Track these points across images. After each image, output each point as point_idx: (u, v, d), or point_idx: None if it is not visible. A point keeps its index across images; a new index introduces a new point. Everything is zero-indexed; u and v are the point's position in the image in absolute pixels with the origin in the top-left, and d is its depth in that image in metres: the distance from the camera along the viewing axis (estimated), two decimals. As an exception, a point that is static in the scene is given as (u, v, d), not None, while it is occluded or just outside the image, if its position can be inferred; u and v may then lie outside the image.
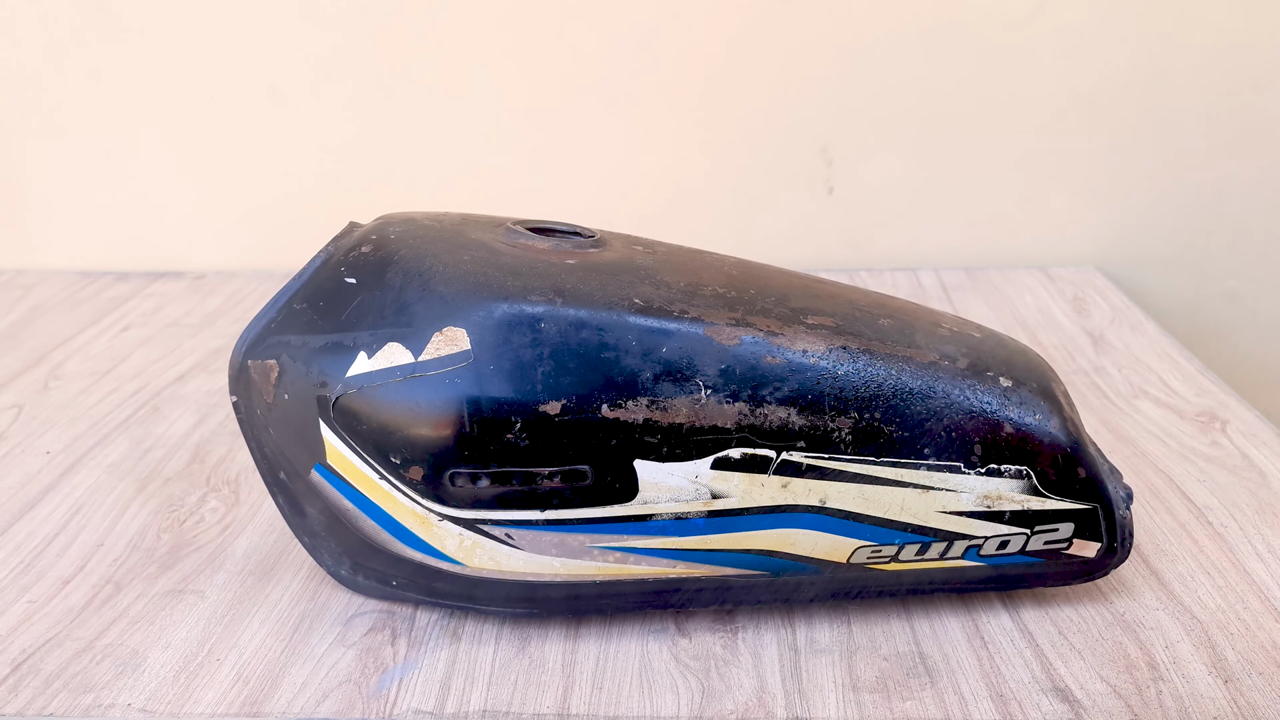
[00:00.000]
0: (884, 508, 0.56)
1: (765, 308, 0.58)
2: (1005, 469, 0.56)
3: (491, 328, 0.53)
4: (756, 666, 0.56)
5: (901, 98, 1.14)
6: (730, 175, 1.17)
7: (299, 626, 0.59)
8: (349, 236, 0.60)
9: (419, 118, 1.16)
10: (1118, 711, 0.52)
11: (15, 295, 1.13)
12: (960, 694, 0.53)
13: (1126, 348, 0.96)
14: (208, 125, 1.17)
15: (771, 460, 0.54)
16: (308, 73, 1.14)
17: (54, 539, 0.67)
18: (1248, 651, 0.56)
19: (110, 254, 1.22)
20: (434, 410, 0.53)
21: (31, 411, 0.85)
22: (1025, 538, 0.57)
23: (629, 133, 1.16)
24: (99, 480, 0.75)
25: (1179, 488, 0.72)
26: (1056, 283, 1.13)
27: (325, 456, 0.56)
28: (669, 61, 1.13)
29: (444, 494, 0.54)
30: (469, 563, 0.56)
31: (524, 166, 1.18)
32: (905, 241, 1.19)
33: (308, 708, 0.53)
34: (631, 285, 0.57)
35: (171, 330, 1.03)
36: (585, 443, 0.53)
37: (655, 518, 0.54)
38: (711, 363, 0.54)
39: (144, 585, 0.63)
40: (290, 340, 0.56)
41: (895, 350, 0.58)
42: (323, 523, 0.58)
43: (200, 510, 0.71)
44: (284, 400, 0.56)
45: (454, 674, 0.55)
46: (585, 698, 0.54)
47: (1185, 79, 1.12)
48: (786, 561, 0.56)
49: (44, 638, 0.58)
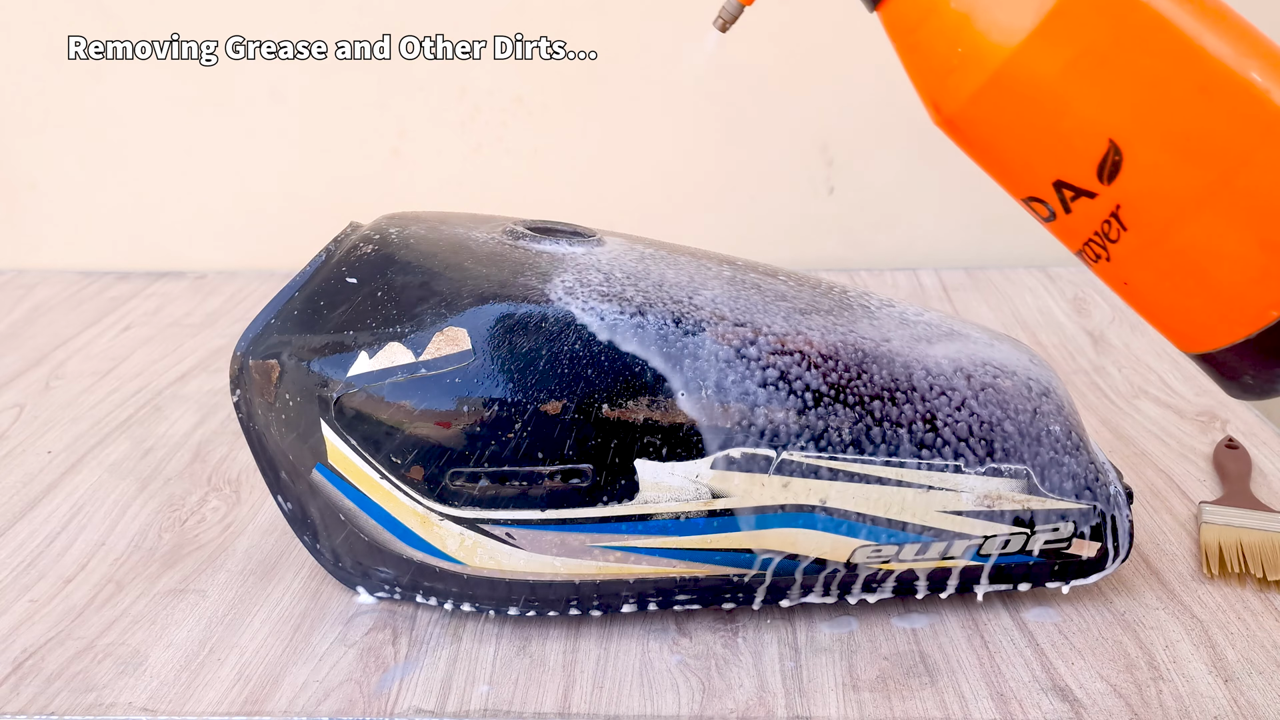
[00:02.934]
0: (884, 507, 0.56)
1: (767, 308, 0.58)
2: (1005, 469, 0.56)
3: (492, 328, 0.53)
4: (757, 666, 0.56)
5: (901, 98, 1.14)
6: (730, 175, 1.17)
7: (300, 626, 0.59)
8: (349, 236, 0.61)
9: (419, 117, 1.16)
10: (1118, 711, 0.52)
11: (16, 295, 1.13)
12: (960, 693, 0.53)
13: (1126, 347, 0.96)
14: (208, 125, 1.17)
15: (771, 460, 0.54)
16: (308, 73, 1.15)
17: (55, 538, 0.68)
18: (1248, 651, 0.56)
19: (111, 254, 1.22)
20: (435, 410, 0.53)
21: (33, 411, 0.85)
22: (1025, 537, 0.57)
23: (629, 133, 1.16)
24: (100, 480, 0.75)
25: (1179, 488, 0.72)
26: (1056, 283, 1.13)
27: (326, 456, 0.56)
28: (670, 62, 1.13)
29: (445, 493, 0.54)
30: (470, 562, 0.56)
31: (524, 166, 1.18)
32: (905, 241, 1.19)
33: (309, 707, 0.53)
34: (632, 285, 0.57)
35: (173, 330, 1.03)
36: (585, 442, 0.53)
37: (655, 517, 0.54)
38: (712, 362, 0.54)
39: (145, 585, 0.63)
40: (291, 340, 0.56)
41: (897, 351, 0.58)
42: (324, 522, 0.58)
43: (201, 510, 0.71)
44: (285, 400, 0.56)
45: (455, 673, 0.55)
46: (586, 697, 0.54)
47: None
48: (786, 561, 0.56)
49: (45, 637, 0.58)
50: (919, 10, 0.45)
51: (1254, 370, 0.46)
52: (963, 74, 0.44)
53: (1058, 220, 0.46)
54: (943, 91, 0.45)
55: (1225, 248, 0.43)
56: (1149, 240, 0.44)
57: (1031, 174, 0.45)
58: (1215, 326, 0.46)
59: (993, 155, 0.47)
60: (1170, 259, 0.44)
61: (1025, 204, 0.48)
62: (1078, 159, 0.43)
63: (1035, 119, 0.43)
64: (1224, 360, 0.47)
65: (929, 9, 0.45)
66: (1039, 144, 0.44)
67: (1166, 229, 0.43)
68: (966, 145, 0.47)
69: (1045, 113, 0.43)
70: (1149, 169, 0.43)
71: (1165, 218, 0.43)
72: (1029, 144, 0.45)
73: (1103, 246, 0.45)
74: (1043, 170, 0.45)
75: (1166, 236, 0.44)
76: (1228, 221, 0.43)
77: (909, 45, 0.47)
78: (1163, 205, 0.43)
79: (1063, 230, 0.47)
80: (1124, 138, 0.42)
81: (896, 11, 0.46)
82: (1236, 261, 0.43)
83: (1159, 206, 0.43)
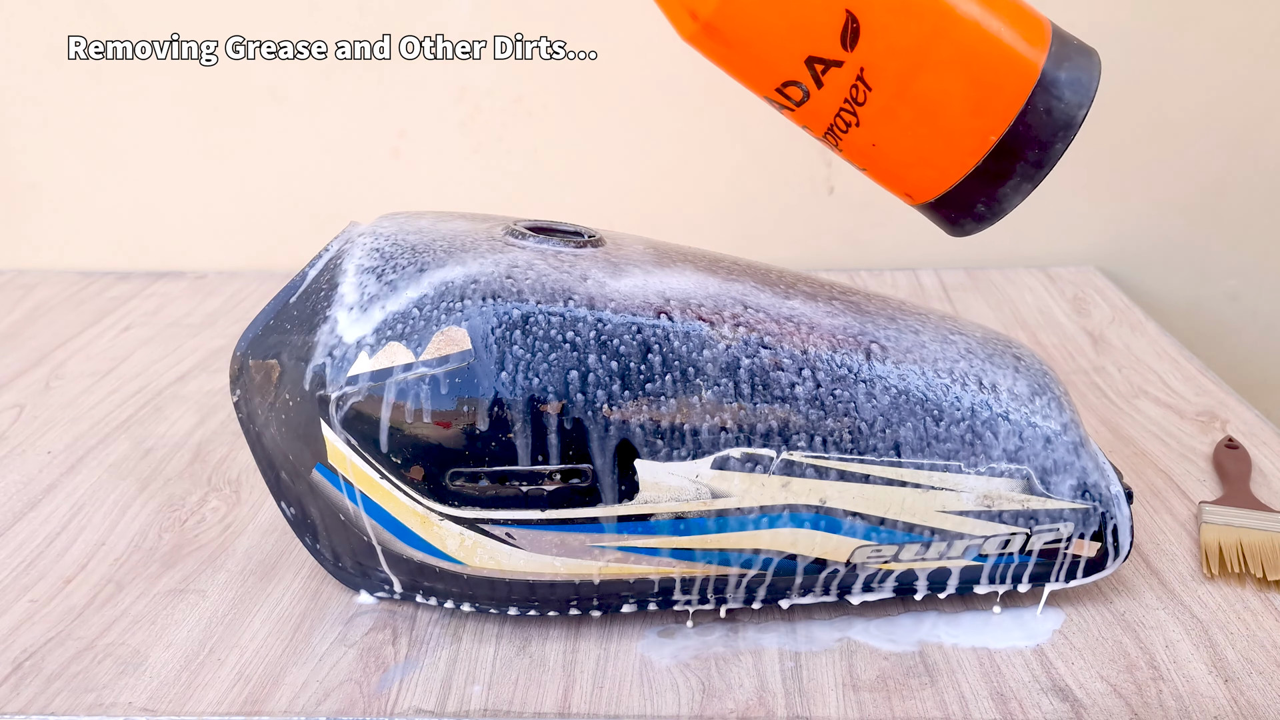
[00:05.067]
0: (884, 507, 0.56)
1: (767, 308, 0.58)
2: (1005, 469, 0.56)
3: (492, 327, 0.53)
4: (756, 666, 0.56)
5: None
6: (730, 175, 1.18)
7: (300, 626, 0.59)
8: (349, 236, 0.61)
9: (419, 117, 1.16)
10: (1118, 711, 0.52)
11: (16, 295, 1.13)
12: (960, 693, 0.53)
13: (1126, 347, 0.96)
14: (208, 125, 1.17)
15: (771, 460, 0.54)
16: (308, 73, 1.15)
17: (55, 538, 0.68)
18: (1248, 651, 0.56)
19: (111, 254, 1.22)
20: (435, 410, 0.53)
21: (33, 411, 0.85)
22: (1025, 537, 0.57)
23: (629, 133, 1.16)
24: (100, 480, 0.75)
25: (1179, 488, 0.72)
26: (1056, 283, 1.13)
27: (326, 456, 0.56)
28: (670, 61, 1.13)
29: (445, 493, 0.54)
30: (470, 562, 0.56)
31: (525, 167, 1.18)
32: (905, 241, 1.19)
33: (309, 707, 0.53)
34: (632, 285, 0.57)
35: (173, 330, 1.03)
36: (585, 442, 0.53)
37: (655, 517, 0.54)
38: (712, 362, 0.54)
39: (145, 585, 0.63)
40: (291, 340, 0.56)
41: (897, 350, 0.58)
42: (324, 522, 0.58)
43: (201, 510, 0.71)
44: (285, 400, 0.56)
45: (455, 673, 0.55)
46: (586, 697, 0.54)
47: (1185, 79, 1.12)
48: (786, 561, 0.56)
49: (45, 637, 0.58)
50: None
51: (984, 196, 0.55)
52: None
53: (811, 100, 0.54)
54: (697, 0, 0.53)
55: (949, 89, 0.53)
56: (891, 95, 0.53)
57: (786, 57, 0.53)
58: (948, 165, 0.55)
59: (748, 51, 0.54)
60: (909, 108, 0.53)
61: (778, 93, 0.55)
62: (823, 32, 0.52)
63: (781, 5, 0.52)
64: (958, 195, 0.55)
65: None
66: (788, 27, 0.52)
67: (903, 81, 0.53)
68: (723, 48, 0.54)
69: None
70: (881, 30, 0.52)
71: (900, 71, 0.53)
72: (779, 30, 0.52)
73: (852, 113, 0.54)
74: (795, 50, 0.53)
75: (904, 88, 0.53)
76: (948, 66, 0.53)
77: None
78: (897, 59, 0.52)
79: (813, 110, 0.54)
80: (857, 6, 0.52)
81: None
82: (959, 100, 0.53)
83: (894, 61, 0.52)
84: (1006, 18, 0.54)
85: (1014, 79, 0.53)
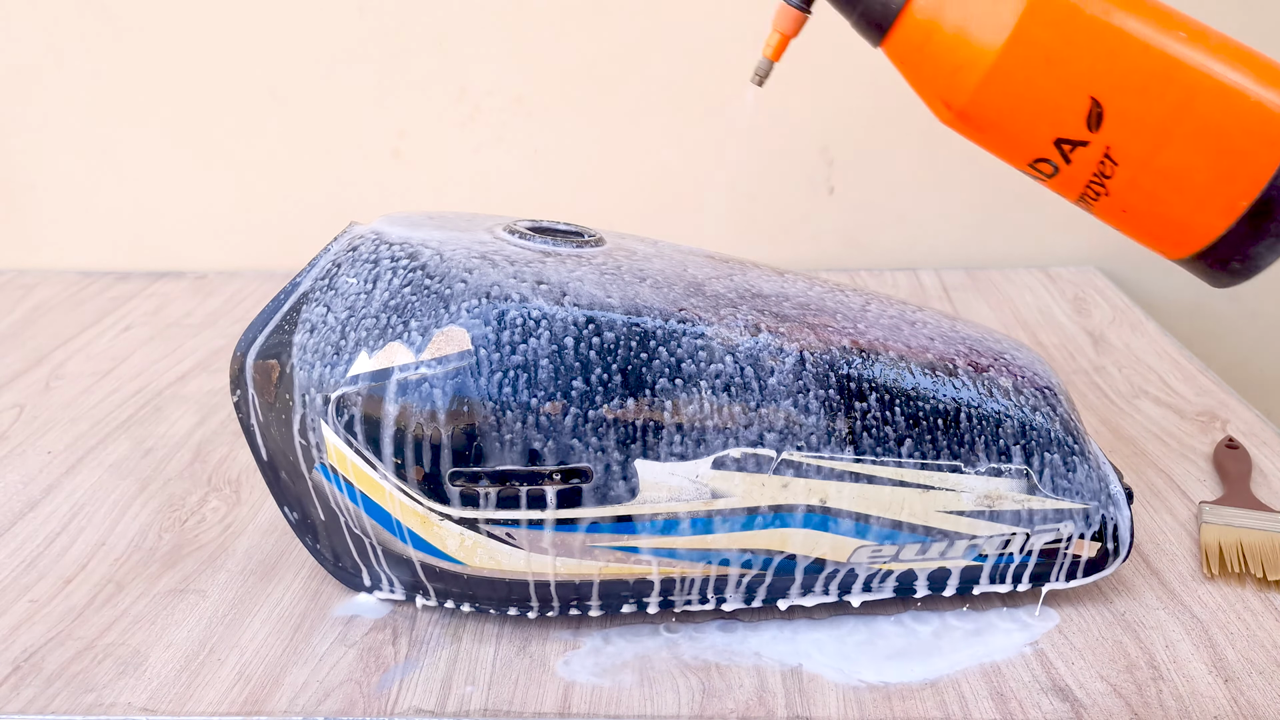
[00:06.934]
0: (884, 507, 0.56)
1: (766, 308, 0.58)
2: (1005, 469, 0.56)
3: (492, 327, 0.53)
4: (756, 666, 0.56)
5: (901, 98, 1.14)
6: (730, 175, 1.17)
7: (300, 626, 0.59)
8: (349, 236, 0.61)
9: (419, 117, 1.16)
10: (1118, 711, 0.52)
11: (16, 295, 1.13)
12: (960, 694, 0.53)
13: (1126, 347, 0.96)
14: (208, 125, 1.17)
15: (771, 460, 0.54)
16: (308, 73, 1.15)
17: (55, 538, 0.68)
18: (1248, 651, 0.56)
19: (111, 254, 1.22)
20: (435, 410, 0.53)
21: (33, 411, 0.85)
22: (1025, 537, 0.57)
23: (629, 133, 1.16)
24: (100, 480, 0.75)
25: (1179, 488, 0.72)
26: (1056, 283, 1.13)
27: (326, 456, 0.56)
28: (670, 61, 1.13)
29: (445, 493, 0.54)
30: (470, 562, 0.56)
31: (525, 167, 1.18)
32: (905, 241, 1.19)
33: (309, 707, 0.53)
34: (632, 285, 0.57)
35: (173, 330, 1.03)
36: (585, 442, 0.53)
37: (655, 517, 0.54)
38: (712, 362, 0.54)
39: (145, 585, 0.63)
40: (291, 340, 0.56)
41: (897, 350, 0.58)
42: (324, 522, 0.58)
43: (201, 510, 0.71)
44: (285, 400, 0.56)
45: (455, 673, 0.55)
46: (585, 697, 0.54)
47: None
48: (786, 561, 0.56)
49: (45, 637, 0.58)
50: (919, 36, 0.56)
51: (1238, 255, 0.57)
52: (967, 72, 0.56)
53: (1060, 174, 0.57)
54: (952, 90, 0.56)
55: (1195, 161, 0.55)
56: (1137, 167, 0.56)
57: (1035, 139, 0.57)
58: (1200, 227, 0.57)
59: (1000, 133, 0.58)
60: (1156, 179, 0.56)
61: (1030, 168, 0.58)
62: (1070, 117, 0.55)
63: (1030, 94, 0.55)
64: (1212, 253, 0.57)
65: (927, 34, 0.56)
66: (1035, 114, 0.56)
67: (1148, 155, 0.55)
68: (977, 131, 0.58)
69: (1037, 87, 0.55)
70: (1124, 111, 0.55)
71: (1146, 146, 0.55)
72: (1028, 116, 0.56)
73: (1101, 184, 0.57)
74: (1044, 134, 0.56)
75: (1150, 161, 0.55)
76: (1193, 140, 0.55)
77: (915, 64, 0.58)
78: (1141, 136, 0.55)
79: (1065, 181, 0.58)
80: (1101, 92, 0.55)
81: (900, 42, 0.58)
82: (1206, 170, 0.55)
83: (1138, 138, 0.55)
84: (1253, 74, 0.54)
85: (1263, 147, 0.54)
